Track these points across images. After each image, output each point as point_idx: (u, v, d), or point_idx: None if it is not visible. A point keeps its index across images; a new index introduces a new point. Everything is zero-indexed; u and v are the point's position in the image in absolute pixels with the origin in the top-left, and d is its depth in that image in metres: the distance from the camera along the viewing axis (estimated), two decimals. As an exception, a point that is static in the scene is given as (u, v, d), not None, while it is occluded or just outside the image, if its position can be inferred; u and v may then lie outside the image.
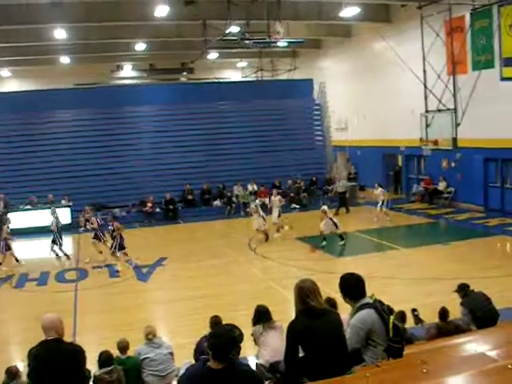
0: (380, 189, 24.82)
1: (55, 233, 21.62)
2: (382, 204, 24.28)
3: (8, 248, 20.29)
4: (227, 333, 5.15)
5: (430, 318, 9.29)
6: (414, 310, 9.22)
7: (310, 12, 27.48)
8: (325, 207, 21.03)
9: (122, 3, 25.11)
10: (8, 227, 20.83)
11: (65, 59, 35.64)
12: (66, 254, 21.48)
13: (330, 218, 20.46)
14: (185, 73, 42.43)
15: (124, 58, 38.17)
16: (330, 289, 7.23)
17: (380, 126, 30.53)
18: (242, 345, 5.27)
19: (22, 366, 8.11)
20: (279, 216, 23.21)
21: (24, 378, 7.85)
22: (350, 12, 26.26)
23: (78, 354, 6.24)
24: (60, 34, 26.93)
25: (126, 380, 8.18)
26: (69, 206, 28.12)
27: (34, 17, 24.56)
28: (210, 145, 32.57)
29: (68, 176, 30.05)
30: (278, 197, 23.89)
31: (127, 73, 41.35)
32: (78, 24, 26.59)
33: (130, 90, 35.86)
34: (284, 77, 36.30)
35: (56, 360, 6.01)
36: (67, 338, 6.35)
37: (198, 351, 8.32)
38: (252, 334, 8.65)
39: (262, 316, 8.72)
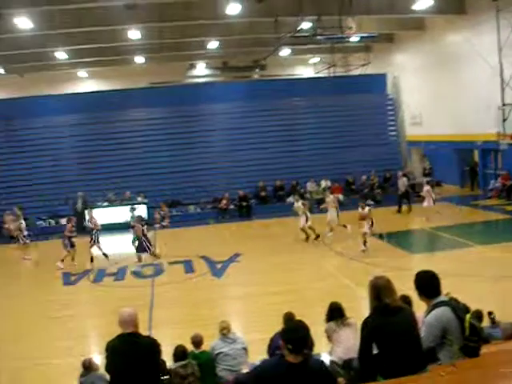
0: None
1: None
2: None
3: (71, 245, 20.73)
4: (302, 327, 5.18)
5: (509, 317, 9.04)
6: (490, 313, 8.96)
7: (381, 6, 27.09)
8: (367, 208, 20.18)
9: (195, 2, 25.35)
10: (73, 226, 21.25)
11: (139, 59, 36.24)
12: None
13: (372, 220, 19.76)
14: (257, 70, 42.49)
15: (197, 57, 38.50)
16: (404, 286, 7.13)
17: (455, 120, 29.83)
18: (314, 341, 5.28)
19: (100, 359, 8.30)
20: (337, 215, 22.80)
21: (101, 370, 8.07)
22: (423, 4, 25.78)
23: (153, 347, 6.35)
24: (134, 34, 27.46)
25: (200, 374, 8.28)
26: (145, 203, 28.67)
27: (110, 19, 25.12)
28: (283, 141, 32.61)
29: (144, 173, 30.70)
30: (331, 197, 23.46)
31: (201, 71, 41.72)
32: (152, 24, 27.02)
33: (203, 88, 36.26)
34: (357, 72, 35.95)
35: (132, 353, 6.14)
36: (143, 333, 6.47)
37: (272, 347, 8.33)
38: (325, 331, 8.63)
39: (336, 313, 8.69)
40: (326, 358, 8.26)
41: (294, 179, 31.06)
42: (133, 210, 22.41)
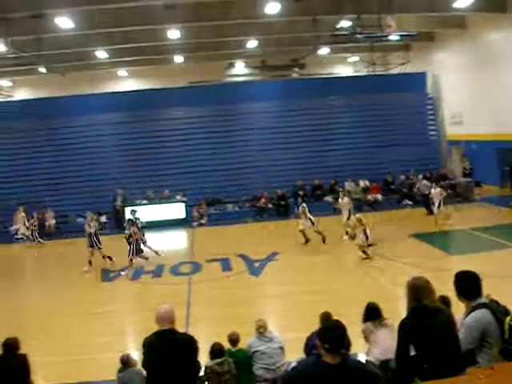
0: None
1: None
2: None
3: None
4: (339, 326, 5.17)
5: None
6: None
7: (421, 4, 26.76)
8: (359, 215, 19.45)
9: (233, 2, 25.39)
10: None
11: (178, 58, 36.44)
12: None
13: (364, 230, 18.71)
14: (296, 69, 42.38)
15: (236, 56, 38.57)
16: (444, 287, 7.07)
17: (496, 119, 29.35)
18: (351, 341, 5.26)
19: (137, 355, 8.39)
20: (348, 218, 22.39)
21: (139, 366, 8.15)
22: (463, 2, 25.43)
23: (190, 344, 6.41)
24: (174, 34, 27.64)
25: (236, 372, 8.31)
26: (183, 201, 28.86)
27: (149, 18, 25.32)
28: (322, 140, 32.53)
29: (183, 172, 30.92)
30: (346, 199, 23.22)
31: (239, 70, 41.78)
32: (191, 24, 27.15)
33: (242, 87, 36.36)
34: (396, 71, 35.66)
35: (169, 349, 6.20)
36: (180, 330, 6.53)
37: (309, 346, 8.32)
38: (362, 332, 8.60)
39: (373, 313, 8.66)
40: (362, 359, 8.24)
41: (332, 178, 30.96)
42: (134, 212, 22.39)
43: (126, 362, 8.57)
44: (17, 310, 15.86)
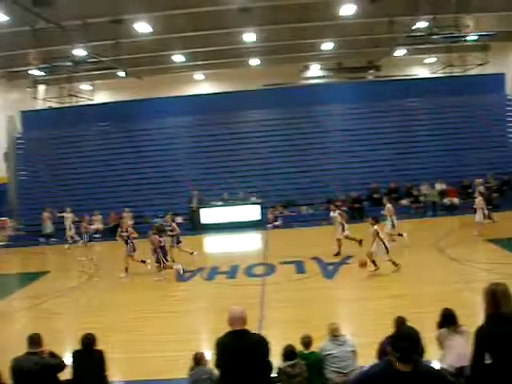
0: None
1: None
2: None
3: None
4: (412, 334, 5.08)
5: None
6: None
7: (500, 3, 26.11)
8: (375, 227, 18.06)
9: (309, 4, 25.37)
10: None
11: (254, 61, 36.67)
12: None
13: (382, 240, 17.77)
14: (372, 71, 41.98)
15: (311, 58, 38.51)
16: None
17: None
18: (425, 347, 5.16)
19: (210, 355, 8.50)
20: (393, 226, 21.88)
21: (210, 365, 8.27)
22: (544, 0, 24.73)
23: (262, 344, 6.45)
24: (249, 37, 27.87)
25: (307, 374, 8.32)
26: (258, 203, 29.00)
27: (225, 22, 25.61)
28: (397, 143, 32.12)
29: (258, 174, 31.09)
30: (389, 205, 22.53)
31: (315, 72, 41.70)
32: (267, 27, 27.28)
33: (317, 90, 36.21)
34: (474, 72, 34.87)
35: (242, 350, 6.26)
36: (253, 331, 6.59)
37: (381, 352, 8.26)
38: (437, 338, 8.46)
39: (448, 319, 8.51)
40: (436, 366, 8.11)
41: (408, 181, 30.51)
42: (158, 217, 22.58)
43: (197, 360, 8.68)
44: (96, 307, 16.29)
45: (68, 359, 8.21)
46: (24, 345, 7.80)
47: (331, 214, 22.36)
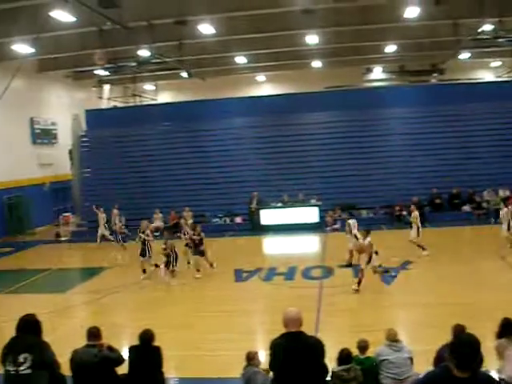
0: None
1: None
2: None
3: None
4: (472, 342, 4.97)
5: None
6: None
7: None
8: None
9: (372, 7, 25.22)
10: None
11: (316, 63, 36.65)
12: None
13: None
14: (435, 74, 41.47)
15: (374, 61, 38.30)
16: None
17: None
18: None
19: (263, 355, 8.52)
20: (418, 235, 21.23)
21: (263, 366, 8.28)
22: None
23: (317, 347, 6.42)
24: (312, 39, 27.83)
25: (362, 379, 8.25)
26: (317, 206, 28.90)
27: (288, 24, 25.66)
28: (460, 148, 31.43)
29: (318, 176, 30.93)
30: (416, 213, 21.88)
31: (377, 75, 41.44)
32: (329, 29, 27.22)
33: (379, 93, 35.89)
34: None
35: (297, 351, 6.25)
36: (309, 333, 6.57)
37: (439, 358, 8.11)
38: (496, 348, 8.26)
39: (508, 329, 8.29)
40: (494, 376, 7.93)
41: (470, 187, 29.88)
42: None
43: (250, 360, 8.69)
44: (153, 303, 16.51)
45: (125, 354, 8.35)
46: (83, 338, 7.97)
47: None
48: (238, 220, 30.13)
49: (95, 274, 20.75)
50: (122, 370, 8.12)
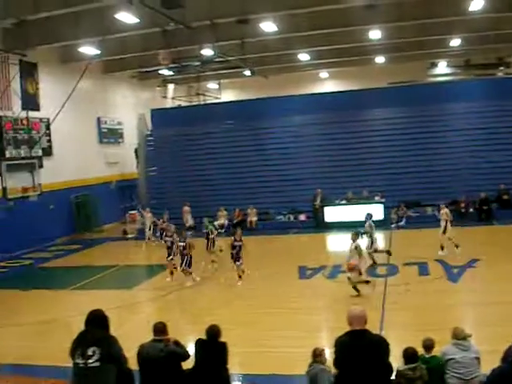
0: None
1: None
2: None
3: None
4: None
5: None
6: None
7: None
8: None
9: (435, 0, 24.83)
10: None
11: (379, 59, 36.30)
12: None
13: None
14: (501, 67, 40.48)
15: (438, 55, 37.66)
16: None
17: None
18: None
19: (328, 353, 8.51)
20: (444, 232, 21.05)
21: (327, 364, 8.26)
22: None
23: (382, 345, 6.39)
24: (375, 34, 27.57)
25: (427, 378, 8.13)
26: (382, 203, 28.64)
27: (350, 20, 25.48)
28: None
29: (382, 173, 30.61)
30: (445, 210, 21.62)
31: (442, 70, 40.73)
32: (392, 24, 26.90)
33: (444, 87, 35.21)
34: None
35: (361, 350, 6.24)
36: (373, 332, 6.54)
37: (507, 357, 7.92)
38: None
39: None
40: None
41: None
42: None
43: (316, 357, 8.67)
44: (218, 301, 16.69)
45: (191, 349, 8.47)
46: (149, 333, 8.12)
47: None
48: (302, 217, 30.12)
49: (161, 270, 21.07)
50: (188, 365, 8.22)
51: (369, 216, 21.09)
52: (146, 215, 28.39)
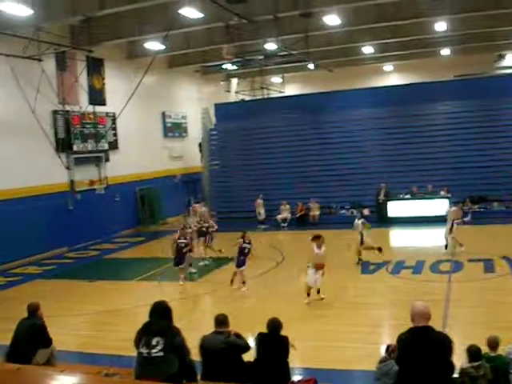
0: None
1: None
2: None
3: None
4: None
5: None
6: None
7: None
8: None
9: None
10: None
11: (445, 51, 35.67)
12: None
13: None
14: None
15: (506, 47, 36.74)
16: None
17: None
18: None
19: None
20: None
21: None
22: None
23: (446, 343, 6.29)
24: (441, 26, 27.10)
25: (491, 377, 7.98)
26: (447, 198, 28.16)
27: (416, 11, 25.08)
28: None
29: (448, 167, 30.04)
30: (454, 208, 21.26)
31: (510, 62, 39.73)
32: (458, 15, 26.37)
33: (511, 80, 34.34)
34: None
35: (424, 347, 6.16)
36: (437, 329, 6.45)
37: None
38: None
39: None
40: None
41: None
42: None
43: (390, 353, 8.60)
44: (280, 294, 16.73)
45: (251, 342, 8.52)
46: (211, 325, 8.21)
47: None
48: (365, 212, 29.85)
49: (225, 263, 21.24)
50: (249, 357, 8.28)
51: (359, 214, 21.61)
52: (198, 210, 28.71)
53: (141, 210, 32.47)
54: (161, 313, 7.14)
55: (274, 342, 8.33)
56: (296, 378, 8.77)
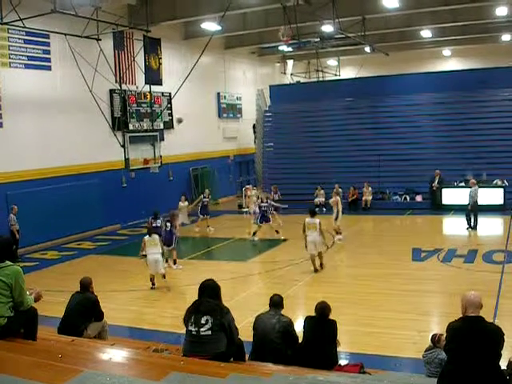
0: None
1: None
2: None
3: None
4: None
5: None
6: None
7: None
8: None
9: None
10: None
11: (506, 37, 34.90)
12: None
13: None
14: None
15: None
16: None
17: None
18: None
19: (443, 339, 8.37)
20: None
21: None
22: None
23: (497, 335, 6.21)
24: (502, 11, 26.54)
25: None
26: (502, 187, 27.63)
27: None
28: None
29: (505, 156, 29.33)
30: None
31: None
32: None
33: None
34: None
35: (474, 337, 6.09)
36: (486, 319, 6.39)
37: None
38: None
39: None
40: None
41: None
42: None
43: (435, 342, 8.55)
44: (329, 278, 16.73)
45: (300, 325, 8.59)
46: (261, 306, 8.30)
47: None
48: (419, 198, 29.53)
49: (275, 245, 21.30)
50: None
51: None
52: (249, 193, 28.88)
53: (194, 189, 32.74)
54: (210, 292, 7.22)
55: (322, 325, 8.37)
56: (343, 362, 8.81)
